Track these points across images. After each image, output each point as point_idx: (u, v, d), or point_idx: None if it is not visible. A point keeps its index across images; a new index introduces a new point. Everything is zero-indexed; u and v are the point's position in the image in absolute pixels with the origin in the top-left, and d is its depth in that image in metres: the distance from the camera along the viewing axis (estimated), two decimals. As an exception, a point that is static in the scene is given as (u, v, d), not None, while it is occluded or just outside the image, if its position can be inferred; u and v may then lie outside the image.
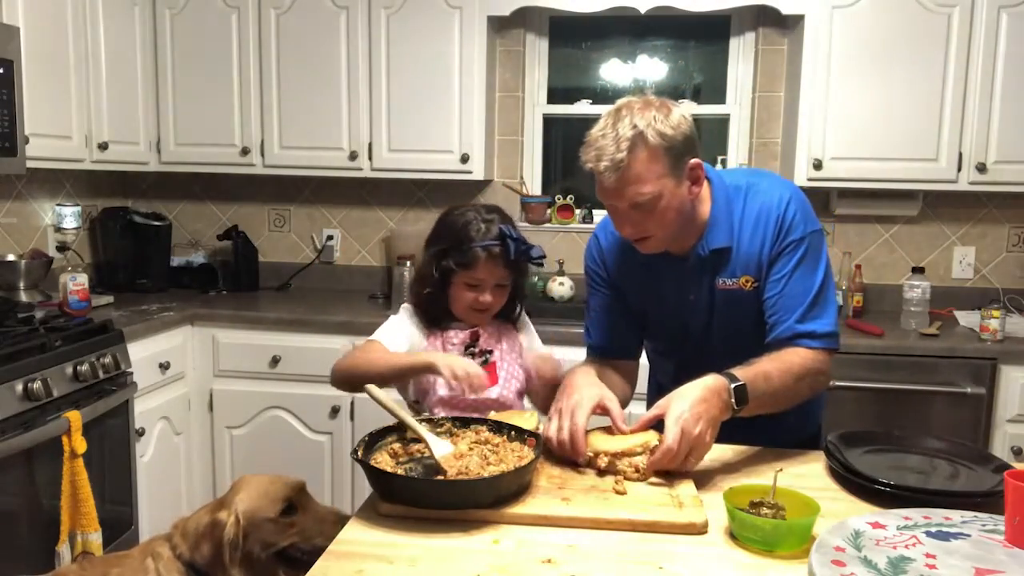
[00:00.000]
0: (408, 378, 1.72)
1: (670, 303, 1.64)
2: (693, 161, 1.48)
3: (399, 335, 1.76)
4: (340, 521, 1.45)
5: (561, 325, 2.76)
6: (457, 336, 1.78)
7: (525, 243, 1.73)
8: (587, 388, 1.46)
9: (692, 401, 1.35)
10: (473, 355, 1.76)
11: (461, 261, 1.69)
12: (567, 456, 1.40)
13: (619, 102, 1.48)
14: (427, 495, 1.22)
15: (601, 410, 1.44)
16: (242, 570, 1.40)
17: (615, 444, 1.38)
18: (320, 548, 1.40)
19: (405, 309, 1.83)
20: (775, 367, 1.45)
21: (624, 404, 1.73)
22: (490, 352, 1.78)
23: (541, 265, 1.78)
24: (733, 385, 1.38)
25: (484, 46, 3.10)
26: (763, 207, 1.54)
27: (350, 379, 1.67)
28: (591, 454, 1.39)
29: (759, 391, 1.41)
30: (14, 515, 2.10)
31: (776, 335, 1.53)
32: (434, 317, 1.79)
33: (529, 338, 1.88)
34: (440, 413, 1.68)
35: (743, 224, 1.55)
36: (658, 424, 1.39)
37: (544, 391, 1.71)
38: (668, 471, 1.36)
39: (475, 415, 1.52)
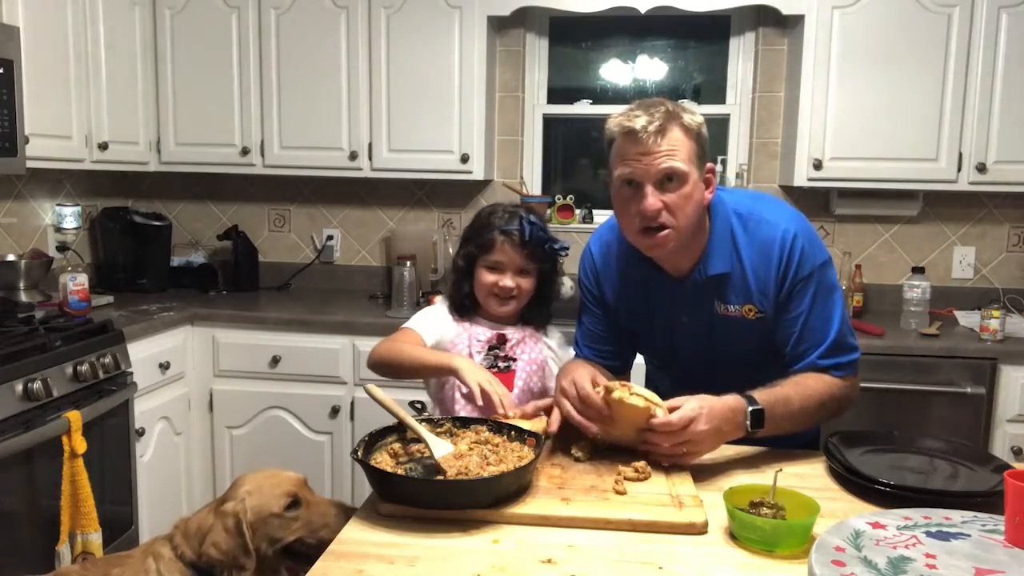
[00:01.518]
0: (431, 376, 1.76)
1: (660, 324, 1.63)
2: (710, 164, 1.48)
3: (432, 323, 1.82)
4: (344, 513, 1.45)
5: (561, 325, 2.74)
6: (484, 334, 1.80)
7: (545, 231, 1.77)
8: (581, 368, 1.49)
9: (710, 407, 1.35)
10: (496, 357, 1.78)
11: (480, 243, 1.77)
12: (591, 420, 1.40)
13: (640, 100, 1.48)
14: (427, 495, 1.22)
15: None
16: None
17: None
18: (326, 541, 1.40)
19: (442, 299, 1.90)
20: (796, 392, 1.45)
21: None
22: (513, 360, 1.79)
23: (564, 255, 1.81)
24: (751, 408, 1.39)
25: (484, 46, 3.10)
26: (768, 240, 1.51)
27: (381, 366, 1.73)
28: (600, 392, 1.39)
29: (777, 415, 1.41)
30: (14, 515, 2.10)
31: (798, 368, 1.52)
32: (461, 306, 1.83)
33: (559, 360, 1.86)
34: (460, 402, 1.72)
35: (745, 252, 1.52)
36: None
37: None
38: (667, 468, 1.36)
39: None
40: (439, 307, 1.88)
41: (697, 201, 1.45)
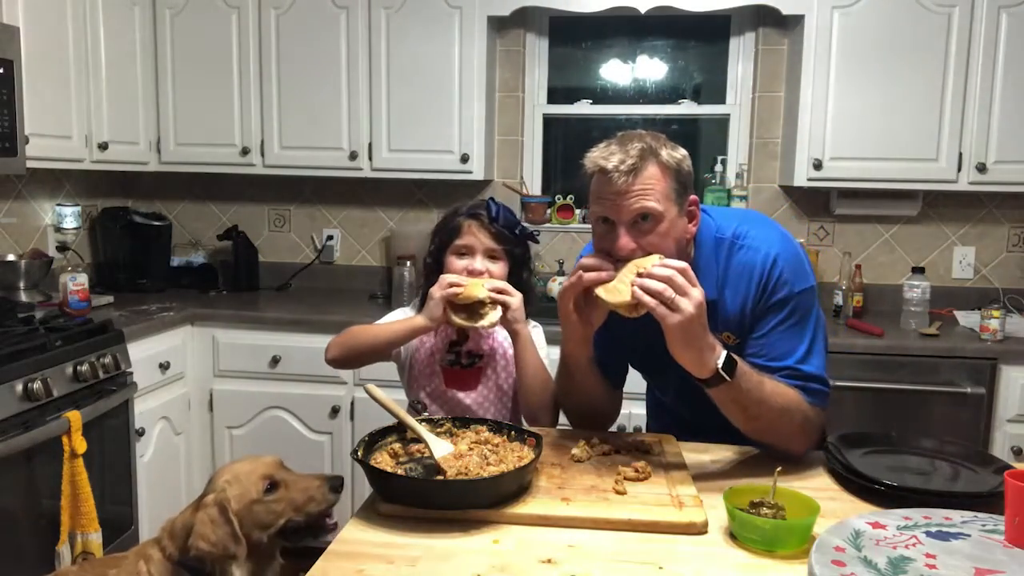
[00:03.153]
0: (403, 343, 1.75)
1: (654, 349, 1.60)
2: (692, 197, 1.45)
3: (393, 319, 1.80)
4: (326, 483, 1.44)
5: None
6: (444, 330, 1.78)
7: (514, 215, 1.78)
8: None
9: (702, 323, 1.30)
10: (458, 355, 1.77)
11: (447, 229, 1.76)
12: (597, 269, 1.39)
13: (622, 133, 1.45)
14: (427, 495, 1.22)
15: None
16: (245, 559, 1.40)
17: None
18: (314, 515, 1.41)
19: (413, 305, 1.88)
20: (771, 384, 1.41)
21: (611, 422, 1.71)
22: (479, 356, 1.78)
23: (536, 241, 1.82)
24: (724, 353, 1.34)
25: (484, 46, 3.10)
26: (747, 264, 1.49)
27: (346, 351, 1.73)
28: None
29: (747, 384, 1.36)
30: (14, 515, 2.10)
31: None
32: None
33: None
34: (425, 400, 1.74)
35: (727, 278, 1.50)
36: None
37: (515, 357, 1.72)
38: (666, 468, 1.37)
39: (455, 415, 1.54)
40: (407, 309, 1.86)
41: (676, 237, 1.42)
